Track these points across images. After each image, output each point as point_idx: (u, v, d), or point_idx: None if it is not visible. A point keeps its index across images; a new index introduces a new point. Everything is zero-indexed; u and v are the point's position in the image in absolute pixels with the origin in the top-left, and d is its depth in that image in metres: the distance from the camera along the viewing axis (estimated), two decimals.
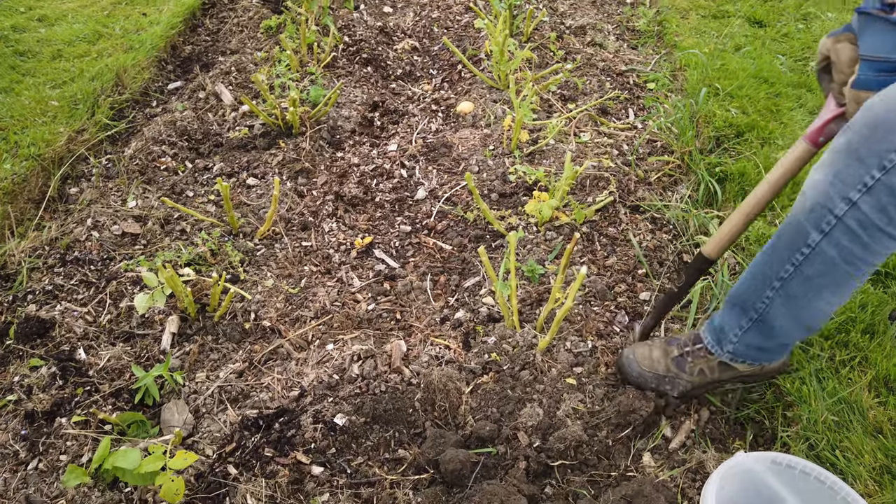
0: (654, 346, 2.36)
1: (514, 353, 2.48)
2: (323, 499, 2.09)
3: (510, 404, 2.31)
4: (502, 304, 2.55)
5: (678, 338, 2.36)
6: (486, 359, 2.49)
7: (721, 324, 2.22)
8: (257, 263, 2.96)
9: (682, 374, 2.28)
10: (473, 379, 2.43)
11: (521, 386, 2.36)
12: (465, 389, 2.37)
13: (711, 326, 2.26)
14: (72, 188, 3.36)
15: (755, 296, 2.07)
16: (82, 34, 4.51)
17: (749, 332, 2.14)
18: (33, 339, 2.56)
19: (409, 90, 4.24)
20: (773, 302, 2.03)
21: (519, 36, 4.60)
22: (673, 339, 2.37)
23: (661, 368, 2.30)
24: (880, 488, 2.14)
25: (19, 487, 2.12)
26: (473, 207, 3.20)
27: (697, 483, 2.16)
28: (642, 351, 2.35)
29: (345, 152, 3.64)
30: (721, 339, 2.22)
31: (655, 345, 2.36)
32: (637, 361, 2.33)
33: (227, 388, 2.43)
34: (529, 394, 2.33)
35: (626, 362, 2.35)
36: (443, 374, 2.36)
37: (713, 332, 2.25)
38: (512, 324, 2.58)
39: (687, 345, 2.31)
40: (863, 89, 1.77)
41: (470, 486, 2.10)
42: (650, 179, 3.38)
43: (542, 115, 3.82)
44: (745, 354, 2.21)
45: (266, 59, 4.26)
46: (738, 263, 2.85)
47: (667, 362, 2.31)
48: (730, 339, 2.19)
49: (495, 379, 2.40)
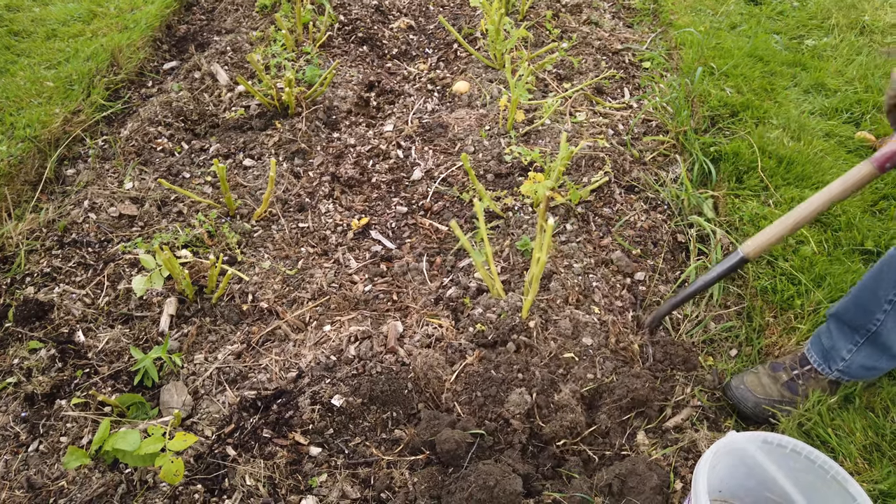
0: (759, 374, 2.35)
1: (500, 320, 2.52)
2: (321, 479, 2.12)
3: (494, 387, 2.33)
4: (481, 270, 2.55)
5: (780, 363, 2.37)
6: (473, 331, 2.53)
7: (831, 344, 2.24)
8: (254, 245, 2.97)
9: (795, 399, 2.31)
10: (460, 359, 2.45)
11: (506, 365, 2.38)
12: (449, 377, 2.40)
13: (819, 347, 2.28)
14: (68, 170, 3.36)
15: (865, 317, 2.13)
16: (77, 14, 4.48)
17: (860, 351, 2.19)
18: (32, 322, 2.58)
19: (405, 69, 4.22)
20: (884, 323, 2.09)
21: (515, 14, 4.57)
22: (775, 364, 2.37)
23: (775, 394, 2.31)
24: (870, 466, 2.17)
25: (20, 469, 2.14)
26: (469, 188, 3.21)
27: (690, 462, 2.19)
28: (751, 379, 2.34)
29: (341, 133, 3.63)
30: (831, 359, 2.25)
31: (760, 372, 2.36)
32: (750, 391, 2.32)
33: (226, 370, 2.45)
34: (515, 372, 2.36)
35: (740, 393, 2.34)
36: (426, 361, 2.39)
37: (821, 353, 2.27)
38: (497, 293, 2.61)
39: (794, 367, 2.33)
40: None
41: (465, 465, 2.13)
42: (645, 159, 3.39)
43: (537, 94, 3.82)
44: (855, 373, 2.25)
45: (261, 38, 4.24)
46: (732, 243, 2.87)
47: (778, 388, 2.32)
48: (841, 357, 2.23)
49: (481, 356, 2.43)
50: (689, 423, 2.32)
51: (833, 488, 1.82)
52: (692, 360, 2.50)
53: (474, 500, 1.96)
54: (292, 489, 2.09)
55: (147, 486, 2.09)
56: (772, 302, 2.65)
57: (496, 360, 2.39)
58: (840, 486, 1.80)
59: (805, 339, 2.50)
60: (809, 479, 1.87)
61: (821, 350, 2.28)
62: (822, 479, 1.84)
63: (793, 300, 2.62)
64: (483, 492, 1.96)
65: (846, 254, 2.83)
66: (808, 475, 1.87)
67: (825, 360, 2.27)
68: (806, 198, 2.96)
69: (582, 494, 2.04)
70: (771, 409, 2.29)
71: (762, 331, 2.61)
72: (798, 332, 2.52)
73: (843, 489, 1.79)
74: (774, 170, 3.22)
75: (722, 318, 2.69)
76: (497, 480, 1.98)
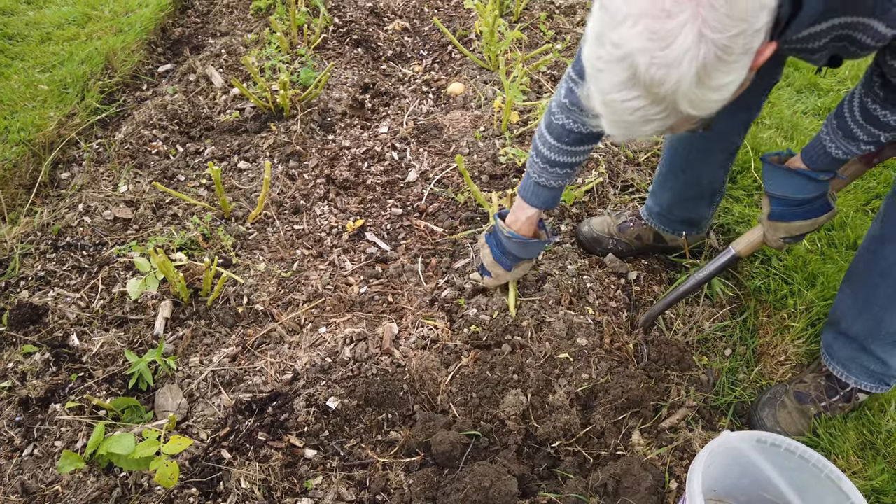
0: (789, 409, 2.32)
1: (493, 321, 2.54)
2: (316, 481, 2.12)
3: (489, 388, 2.34)
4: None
5: (806, 393, 2.34)
6: (468, 332, 2.54)
7: (884, 367, 2.22)
8: (249, 247, 2.97)
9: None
10: (455, 360, 2.46)
11: (501, 366, 2.39)
12: (445, 379, 2.40)
13: (867, 373, 2.25)
14: (63, 173, 3.35)
15: None
16: (71, 17, 4.48)
17: None
18: (26, 326, 2.58)
19: (400, 71, 4.23)
20: None
21: (509, 16, 4.58)
22: (800, 394, 2.34)
23: (806, 429, 2.31)
24: (864, 464, 2.18)
25: (15, 474, 2.14)
26: (464, 189, 3.21)
27: (685, 462, 2.19)
28: (784, 418, 2.31)
29: (336, 135, 3.64)
30: (888, 379, 2.25)
31: (789, 406, 2.33)
32: (785, 431, 2.29)
33: (221, 373, 2.45)
34: (510, 374, 2.36)
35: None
36: (421, 363, 2.40)
37: (872, 377, 2.26)
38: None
39: (822, 399, 2.32)
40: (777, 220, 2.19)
41: (461, 467, 2.13)
42: (639, 160, 3.40)
43: (532, 96, 3.82)
44: None
45: (256, 41, 4.24)
46: (722, 243, 2.87)
47: (807, 422, 2.31)
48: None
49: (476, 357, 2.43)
50: (684, 422, 2.32)
51: (827, 487, 1.82)
52: (687, 360, 2.50)
53: (470, 501, 1.96)
54: (288, 492, 2.09)
55: (142, 490, 2.09)
56: (765, 301, 2.66)
57: (491, 362, 2.40)
58: (834, 485, 1.80)
59: (798, 338, 2.50)
60: (803, 478, 1.87)
61: (870, 376, 2.25)
62: (815, 477, 1.85)
63: (786, 299, 2.63)
64: (478, 493, 1.97)
65: (839, 253, 2.83)
66: (803, 474, 1.87)
67: (882, 382, 2.26)
68: None
69: (577, 495, 2.04)
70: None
71: (756, 330, 2.61)
72: (792, 331, 2.53)
73: (836, 488, 1.80)
74: None
75: (716, 317, 2.69)
76: (492, 481, 1.99)
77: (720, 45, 1.21)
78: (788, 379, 2.44)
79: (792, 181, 2.11)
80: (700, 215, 2.75)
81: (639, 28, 1.22)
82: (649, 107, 1.32)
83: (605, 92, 1.35)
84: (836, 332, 2.29)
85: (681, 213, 2.72)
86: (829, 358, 2.31)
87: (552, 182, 2.26)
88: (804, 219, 2.17)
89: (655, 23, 1.21)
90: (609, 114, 1.40)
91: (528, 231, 2.39)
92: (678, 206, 2.70)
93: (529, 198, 2.32)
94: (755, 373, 2.49)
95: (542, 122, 2.20)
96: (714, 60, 1.22)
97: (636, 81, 1.28)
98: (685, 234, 2.76)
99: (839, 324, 2.27)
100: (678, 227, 2.77)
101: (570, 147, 2.16)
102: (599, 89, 1.37)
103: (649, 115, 1.34)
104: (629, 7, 1.23)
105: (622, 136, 1.48)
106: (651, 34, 1.21)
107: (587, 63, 1.39)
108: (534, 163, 2.26)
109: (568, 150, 2.17)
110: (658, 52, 1.22)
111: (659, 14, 1.20)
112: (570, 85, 2.04)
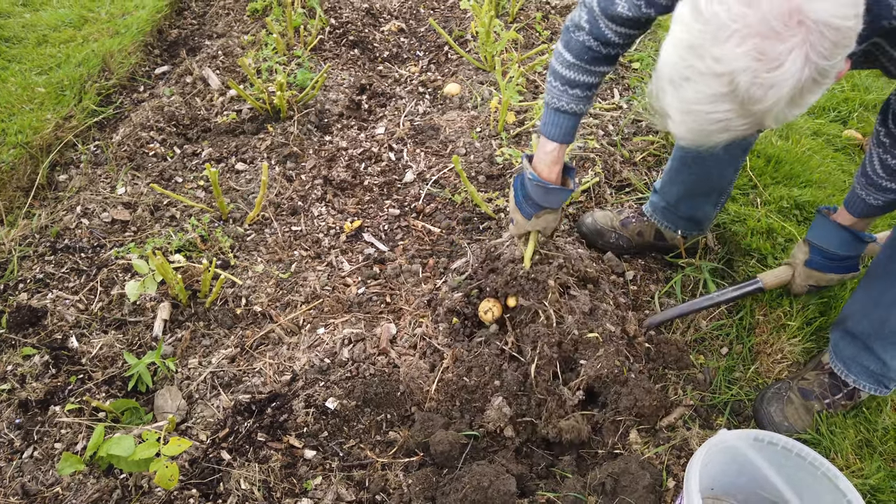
0: (795, 404, 2.32)
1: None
2: (316, 482, 2.13)
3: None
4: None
5: (809, 389, 2.34)
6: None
7: (883, 368, 2.23)
8: (247, 249, 2.98)
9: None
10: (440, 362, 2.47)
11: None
12: (431, 388, 2.41)
13: (867, 372, 2.26)
14: (60, 175, 3.36)
15: None
16: (68, 19, 4.47)
17: None
18: (25, 328, 2.58)
19: (397, 72, 4.23)
20: None
21: (505, 16, 4.59)
22: (805, 390, 2.34)
23: (810, 426, 2.31)
24: (861, 461, 2.19)
25: (15, 476, 2.15)
26: (461, 190, 3.22)
27: (682, 460, 2.20)
28: (791, 413, 2.31)
29: (333, 136, 3.64)
30: (888, 381, 2.26)
31: (795, 403, 2.33)
32: (794, 427, 2.29)
33: (220, 374, 2.46)
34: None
35: (784, 430, 2.29)
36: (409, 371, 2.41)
37: (871, 377, 2.26)
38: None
39: (826, 396, 2.32)
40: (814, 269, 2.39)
41: (459, 466, 2.14)
42: (635, 160, 3.41)
43: (528, 96, 3.83)
44: None
45: (253, 42, 4.24)
46: (718, 243, 2.89)
47: (811, 419, 2.31)
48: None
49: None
50: (682, 421, 2.33)
51: (824, 484, 1.83)
52: (684, 359, 2.51)
53: (468, 500, 1.97)
54: (287, 492, 2.10)
55: (142, 492, 2.10)
56: (761, 300, 2.67)
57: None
58: (830, 483, 1.82)
59: (794, 336, 2.52)
60: (800, 476, 1.88)
61: (870, 376, 2.26)
62: (812, 475, 1.86)
63: (782, 298, 2.64)
64: (477, 492, 1.98)
65: None
66: (799, 472, 1.88)
67: (880, 384, 2.26)
68: (794, 196, 3.00)
69: (575, 494, 2.05)
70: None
71: (752, 329, 2.63)
72: (788, 329, 2.54)
73: (833, 485, 1.81)
74: (763, 168, 3.24)
75: (713, 316, 2.70)
76: (491, 481, 2.00)
77: (820, 70, 1.24)
78: (790, 376, 2.45)
79: (839, 235, 2.31)
80: (704, 214, 2.76)
81: (746, 47, 1.24)
82: (735, 119, 1.34)
83: (691, 102, 1.37)
84: (843, 330, 2.30)
85: (687, 209, 2.73)
86: (835, 356, 2.33)
87: (572, 105, 2.19)
88: (836, 273, 2.40)
89: (765, 43, 1.23)
90: (689, 122, 1.42)
91: (549, 175, 2.30)
92: (685, 201, 2.71)
93: (549, 130, 2.25)
94: (752, 371, 2.50)
95: (560, 43, 2.15)
96: (810, 83, 1.26)
97: (733, 97, 1.30)
98: (684, 234, 2.78)
99: (846, 322, 2.29)
100: (682, 224, 2.78)
101: (589, 67, 2.12)
102: (683, 98, 1.39)
103: (732, 126, 1.36)
104: (736, 24, 1.24)
105: (691, 141, 1.49)
106: (759, 55, 1.23)
107: (668, 68, 1.40)
108: (552, 88, 2.20)
109: (588, 69, 2.13)
110: (764, 73, 1.24)
111: (769, 35, 1.22)
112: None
